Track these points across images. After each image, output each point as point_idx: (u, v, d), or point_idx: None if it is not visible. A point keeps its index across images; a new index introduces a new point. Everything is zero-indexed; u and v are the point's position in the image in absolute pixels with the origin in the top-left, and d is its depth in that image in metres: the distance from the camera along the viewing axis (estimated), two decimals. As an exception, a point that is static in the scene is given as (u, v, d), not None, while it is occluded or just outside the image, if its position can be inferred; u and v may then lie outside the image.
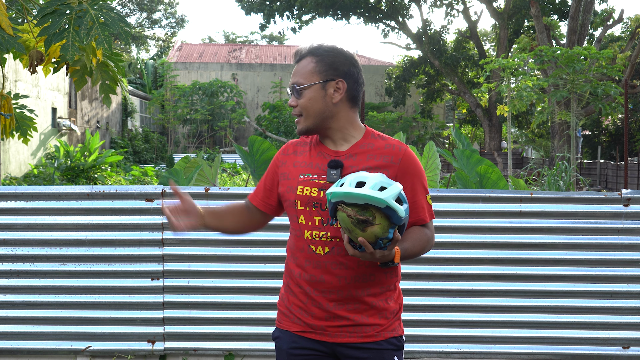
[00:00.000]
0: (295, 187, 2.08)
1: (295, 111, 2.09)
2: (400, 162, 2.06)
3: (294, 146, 2.19)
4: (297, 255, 2.08)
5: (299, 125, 2.09)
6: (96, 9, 3.19)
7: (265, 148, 5.42)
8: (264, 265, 3.86)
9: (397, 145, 2.09)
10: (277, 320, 2.18)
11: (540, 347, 3.86)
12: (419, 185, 2.08)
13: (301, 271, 2.07)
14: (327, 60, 2.07)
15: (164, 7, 45.65)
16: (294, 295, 2.10)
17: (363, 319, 2.04)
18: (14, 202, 3.86)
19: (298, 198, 2.06)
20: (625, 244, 3.85)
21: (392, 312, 2.10)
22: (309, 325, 2.06)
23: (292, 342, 2.09)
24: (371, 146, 2.08)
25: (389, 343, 2.06)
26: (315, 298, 2.04)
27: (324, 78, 2.06)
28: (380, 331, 2.06)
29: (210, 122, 29.02)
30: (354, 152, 2.07)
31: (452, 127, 21.67)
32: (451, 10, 27.36)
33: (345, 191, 1.80)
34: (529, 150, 34.12)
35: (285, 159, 2.18)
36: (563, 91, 13.05)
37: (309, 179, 2.06)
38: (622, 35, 27.07)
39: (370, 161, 2.05)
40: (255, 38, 52.72)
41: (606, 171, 20.70)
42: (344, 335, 2.04)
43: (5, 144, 14.91)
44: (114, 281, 3.85)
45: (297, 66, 2.09)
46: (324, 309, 2.04)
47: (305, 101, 2.06)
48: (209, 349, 3.89)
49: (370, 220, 1.80)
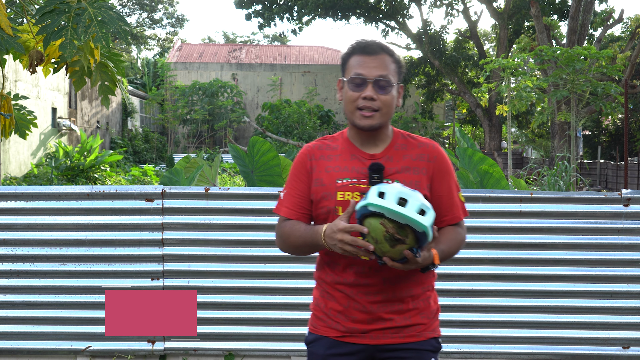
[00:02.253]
0: (333, 193, 2.03)
1: (372, 104, 2.02)
2: (435, 159, 2.09)
3: (319, 150, 2.12)
4: (338, 261, 2.05)
5: (371, 120, 2.02)
6: (95, 7, 3.19)
7: (265, 149, 5.42)
8: (264, 265, 3.86)
9: (429, 143, 2.11)
10: (311, 325, 2.15)
11: (540, 347, 3.86)
12: (453, 183, 2.11)
13: (343, 275, 2.04)
14: (400, 64, 2.08)
15: (164, 6, 45.64)
16: (333, 300, 2.08)
17: (405, 320, 2.04)
18: (14, 202, 3.86)
19: (339, 204, 2.02)
20: (625, 244, 3.85)
21: (432, 312, 2.11)
22: (349, 330, 2.05)
23: (329, 347, 2.08)
24: (404, 147, 2.09)
25: (429, 344, 2.07)
26: (358, 300, 2.03)
27: (398, 80, 2.07)
28: (422, 331, 2.07)
29: (210, 122, 29.02)
30: (389, 154, 2.07)
31: (453, 126, 21.68)
32: (451, 10, 27.37)
33: (390, 208, 1.80)
34: (529, 150, 34.13)
35: (312, 164, 2.10)
36: (563, 91, 13.05)
37: (348, 183, 2.03)
38: (622, 35, 27.07)
39: (407, 161, 2.06)
40: (257, 38, 52.78)
41: (606, 171, 20.71)
42: (386, 337, 2.04)
43: (5, 144, 14.91)
44: (114, 281, 3.85)
45: (376, 59, 2.03)
46: (367, 312, 2.03)
47: (390, 98, 2.03)
48: (209, 349, 3.89)
49: (403, 240, 1.82)
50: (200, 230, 3.86)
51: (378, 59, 2.02)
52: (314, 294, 2.18)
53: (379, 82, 2.01)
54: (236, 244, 3.87)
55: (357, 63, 2.03)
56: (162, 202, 3.85)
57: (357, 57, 2.04)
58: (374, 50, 2.03)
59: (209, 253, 3.86)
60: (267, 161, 5.41)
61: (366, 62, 2.02)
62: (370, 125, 2.02)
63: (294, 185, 2.12)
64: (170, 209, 3.86)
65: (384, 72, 2.01)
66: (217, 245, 3.87)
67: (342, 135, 2.14)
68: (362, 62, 2.02)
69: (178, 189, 3.88)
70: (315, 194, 2.07)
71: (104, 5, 3.22)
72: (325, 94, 31.99)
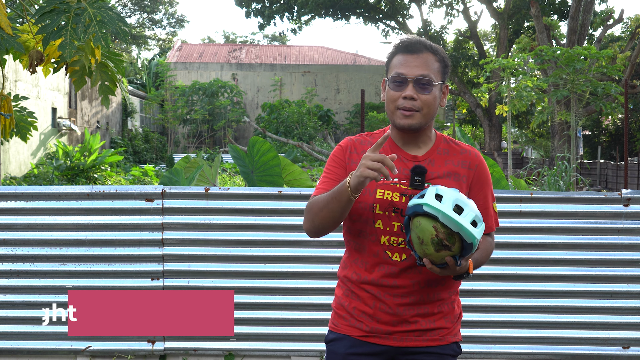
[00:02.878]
0: (373, 189, 2.00)
1: (412, 104, 1.98)
2: (476, 168, 2.07)
3: (360, 145, 2.09)
4: (367, 260, 2.03)
5: (412, 119, 1.98)
6: (94, 7, 3.19)
7: (265, 149, 5.42)
8: (264, 265, 3.86)
9: (472, 151, 2.09)
10: (332, 323, 2.13)
11: (540, 347, 3.86)
12: (490, 194, 2.10)
13: (371, 275, 2.03)
14: (446, 62, 2.04)
15: (164, 7, 45.64)
16: (358, 300, 2.06)
17: (430, 323, 2.04)
18: (14, 202, 3.86)
19: (377, 202, 2.00)
20: (625, 244, 3.85)
21: (456, 316, 2.11)
22: (373, 330, 2.04)
23: (350, 346, 2.05)
24: (447, 152, 2.07)
25: (450, 348, 2.07)
26: (385, 301, 2.01)
27: (442, 80, 2.03)
28: (445, 335, 2.06)
29: (210, 122, 29.02)
30: (431, 157, 2.05)
31: (453, 126, 21.65)
32: (451, 10, 27.37)
33: (447, 213, 1.79)
34: (529, 150, 34.13)
35: (353, 157, 2.07)
36: (563, 91, 13.05)
37: (389, 182, 2.00)
38: (622, 35, 27.08)
39: (449, 166, 2.04)
40: (257, 38, 52.79)
41: (606, 171, 20.71)
42: (409, 339, 2.03)
43: (6, 144, 14.91)
44: (114, 281, 3.85)
45: (418, 58, 1.99)
46: (393, 313, 2.01)
47: (431, 98, 1.99)
48: (209, 349, 3.88)
49: (450, 247, 1.82)
50: (200, 230, 3.86)
51: (420, 57, 1.99)
52: (336, 292, 2.16)
53: (420, 82, 1.97)
54: (236, 244, 3.87)
55: (398, 62, 2.00)
56: (162, 202, 3.85)
57: (400, 56, 2.01)
58: (417, 49, 2.00)
59: (209, 253, 3.86)
60: (267, 161, 5.41)
61: (408, 61, 1.99)
62: (410, 125, 1.99)
63: (331, 170, 2.08)
64: (170, 209, 3.86)
65: (426, 72, 1.98)
66: (217, 245, 3.87)
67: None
68: (403, 61, 2.00)
69: (178, 189, 3.88)
70: None
71: (104, 6, 3.22)
72: (325, 94, 32.00)
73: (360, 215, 2.02)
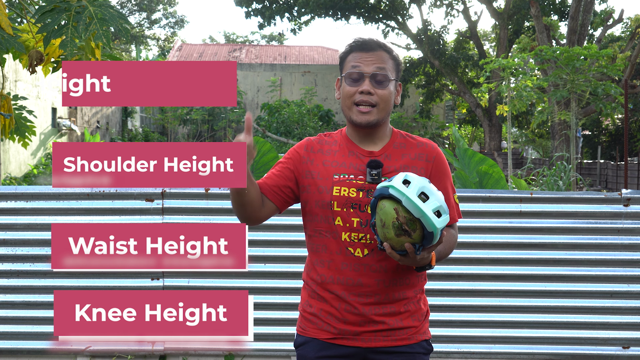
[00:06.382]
0: (329, 187, 2.02)
1: (369, 98, 2.01)
2: (434, 160, 2.08)
3: (317, 144, 2.11)
4: (330, 258, 2.03)
5: (369, 116, 2.01)
6: (95, 5, 3.19)
7: (266, 150, 5.42)
8: (264, 265, 3.86)
9: (429, 143, 2.10)
10: (300, 327, 2.12)
11: (540, 347, 3.86)
12: (449, 185, 2.10)
13: (335, 275, 2.02)
14: (398, 61, 2.08)
15: (163, 7, 45.65)
16: (323, 301, 2.05)
17: (397, 322, 2.03)
18: (14, 202, 3.86)
19: (335, 199, 2.01)
20: (625, 244, 3.85)
21: (423, 315, 2.10)
22: (341, 332, 2.02)
23: (319, 349, 2.04)
24: (403, 146, 2.08)
25: (420, 346, 2.06)
26: (350, 302, 2.00)
27: (396, 77, 2.06)
28: (414, 334, 2.05)
29: (210, 122, 29.03)
30: (388, 152, 2.06)
31: (453, 126, 21.72)
32: (451, 11, 27.36)
33: (410, 197, 1.79)
34: (529, 150, 34.14)
35: (310, 156, 2.09)
36: (563, 91, 13.04)
37: (346, 179, 2.02)
38: (622, 35, 27.08)
39: (406, 159, 2.05)
40: (255, 38, 52.76)
41: (606, 171, 20.71)
42: (378, 340, 2.02)
43: (5, 144, 14.91)
44: (114, 281, 3.85)
45: (373, 55, 2.02)
46: (359, 314, 2.00)
47: (387, 93, 2.03)
48: (209, 348, 3.88)
49: (410, 233, 1.81)
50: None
51: (375, 55, 2.02)
52: (302, 295, 2.15)
53: (376, 76, 2.00)
54: (236, 244, 3.86)
55: (354, 59, 2.04)
56: (162, 202, 3.85)
57: (355, 53, 2.04)
58: (371, 47, 2.03)
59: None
60: (268, 162, 5.41)
61: (363, 58, 2.02)
62: (368, 121, 2.02)
63: (281, 167, 2.12)
64: (170, 209, 3.86)
65: (381, 66, 2.01)
66: (217, 245, 3.86)
67: (341, 133, 2.14)
68: (359, 58, 2.03)
69: (178, 189, 3.88)
70: (309, 186, 2.07)
71: (105, 4, 3.22)
72: (325, 94, 32.00)
73: (318, 214, 2.04)
